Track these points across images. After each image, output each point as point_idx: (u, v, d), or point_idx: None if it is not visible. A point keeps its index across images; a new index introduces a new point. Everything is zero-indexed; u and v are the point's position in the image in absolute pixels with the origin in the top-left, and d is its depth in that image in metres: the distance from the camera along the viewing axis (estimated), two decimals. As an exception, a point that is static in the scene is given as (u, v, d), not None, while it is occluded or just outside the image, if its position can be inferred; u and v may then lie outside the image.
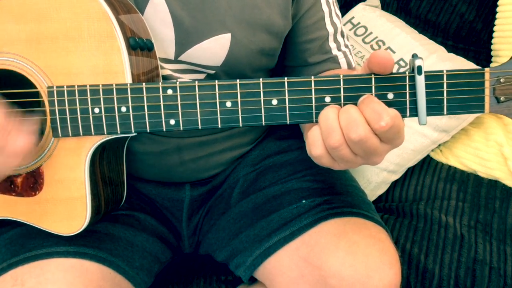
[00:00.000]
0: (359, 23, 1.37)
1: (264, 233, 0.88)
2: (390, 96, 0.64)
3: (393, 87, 0.64)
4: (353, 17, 1.39)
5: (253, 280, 0.96)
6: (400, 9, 1.46)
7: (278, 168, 0.96)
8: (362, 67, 0.66)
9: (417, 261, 1.05)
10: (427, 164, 1.28)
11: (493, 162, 1.22)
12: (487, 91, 0.63)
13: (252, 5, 0.84)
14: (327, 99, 0.65)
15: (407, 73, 0.64)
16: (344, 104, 0.65)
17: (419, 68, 0.62)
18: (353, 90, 0.65)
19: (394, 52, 1.30)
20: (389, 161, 1.22)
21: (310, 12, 0.91)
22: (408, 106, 0.64)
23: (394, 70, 0.71)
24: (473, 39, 1.41)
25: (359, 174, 1.24)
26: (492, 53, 1.34)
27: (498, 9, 1.31)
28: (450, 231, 1.10)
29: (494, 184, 1.21)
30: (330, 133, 0.62)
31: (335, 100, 0.65)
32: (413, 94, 0.64)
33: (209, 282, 1.05)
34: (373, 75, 0.64)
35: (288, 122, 0.67)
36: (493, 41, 1.33)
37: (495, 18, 1.32)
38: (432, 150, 1.29)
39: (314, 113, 0.66)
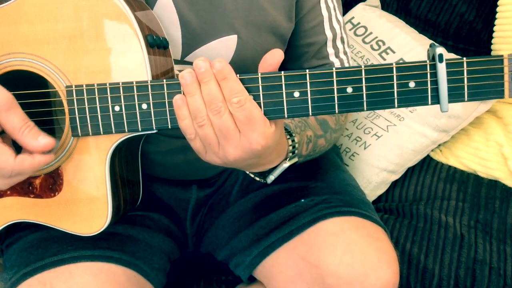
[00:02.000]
0: (359, 23, 1.37)
1: (262, 232, 0.88)
2: (412, 84, 0.65)
3: (414, 76, 0.64)
4: (353, 17, 1.39)
5: (253, 280, 0.96)
6: (400, 9, 1.46)
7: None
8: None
9: (417, 261, 1.05)
10: (427, 164, 1.28)
11: (493, 162, 1.22)
12: (506, 77, 0.64)
13: (258, 7, 0.84)
14: (349, 90, 0.65)
15: (428, 62, 0.64)
16: (367, 94, 0.65)
17: (441, 55, 0.63)
18: (374, 80, 0.65)
19: (394, 52, 1.30)
20: (389, 161, 1.22)
21: (309, 16, 0.91)
22: (429, 94, 0.65)
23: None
24: (473, 39, 1.41)
25: (359, 174, 1.24)
26: (492, 53, 1.34)
27: (498, 9, 1.31)
28: (450, 231, 1.09)
29: (494, 184, 1.21)
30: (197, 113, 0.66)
31: (357, 91, 0.65)
32: (434, 82, 0.64)
33: (209, 282, 1.05)
34: (394, 64, 0.64)
35: (310, 114, 0.67)
36: (493, 41, 1.33)
37: (495, 18, 1.32)
38: (432, 150, 1.29)
39: (336, 104, 0.66)
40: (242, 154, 0.66)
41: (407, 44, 1.30)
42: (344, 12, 1.41)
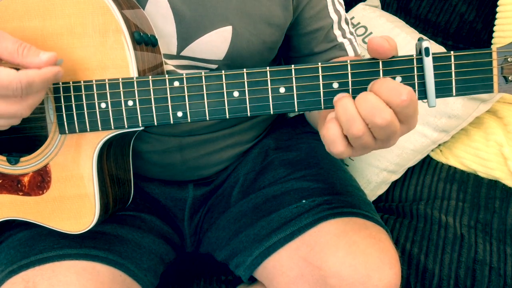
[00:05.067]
0: (359, 23, 1.37)
1: (264, 232, 0.88)
2: (398, 79, 0.64)
3: (401, 70, 0.64)
4: (353, 17, 1.39)
5: (253, 280, 0.96)
6: (400, 9, 1.46)
7: (278, 168, 0.96)
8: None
9: (417, 261, 1.05)
10: (427, 164, 1.28)
11: (493, 162, 1.22)
12: (495, 71, 0.63)
13: None
14: (335, 85, 0.65)
15: (414, 56, 0.63)
16: (353, 90, 0.65)
17: (427, 49, 0.62)
18: (360, 75, 0.64)
19: (394, 52, 1.30)
20: (389, 161, 1.22)
21: (312, 3, 0.91)
22: (416, 89, 0.64)
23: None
24: (473, 39, 1.41)
25: (359, 174, 1.24)
26: (492, 53, 1.34)
27: (498, 9, 1.31)
28: (450, 231, 1.10)
29: (494, 184, 1.21)
30: (352, 124, 0.61)
31: (343, 86, 0.65)
32: (421, 77, 0.64)
33: (209, 282, 1.04)
34: (380, 59, 0.64)
35: (296, 110, 0.67)
36: (493, 41, 1.34)
37: (495, 18, 1.32)
38: (432, 150, 1.29)
39: (322, 100, 0.66)
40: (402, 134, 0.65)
41: (407, 44, 1.30)
42: (344, 12, 1.41)
